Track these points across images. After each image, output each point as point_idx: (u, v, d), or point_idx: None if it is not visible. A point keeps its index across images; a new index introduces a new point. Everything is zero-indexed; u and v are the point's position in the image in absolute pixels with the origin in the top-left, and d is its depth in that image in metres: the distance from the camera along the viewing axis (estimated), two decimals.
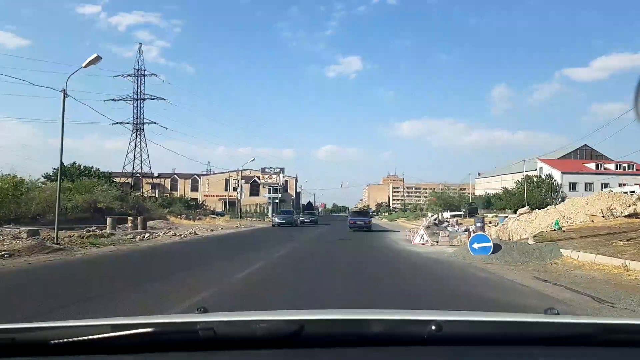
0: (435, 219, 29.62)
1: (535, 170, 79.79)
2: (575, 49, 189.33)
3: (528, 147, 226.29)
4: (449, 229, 29.16)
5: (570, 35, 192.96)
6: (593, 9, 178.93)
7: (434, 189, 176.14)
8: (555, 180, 73.57)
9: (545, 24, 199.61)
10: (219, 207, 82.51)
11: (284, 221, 39.52)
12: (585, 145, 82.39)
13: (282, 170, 71.69)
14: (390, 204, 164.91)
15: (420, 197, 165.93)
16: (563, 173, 75.35)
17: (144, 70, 72.11)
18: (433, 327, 1.41)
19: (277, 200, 67.02)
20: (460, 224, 31.70)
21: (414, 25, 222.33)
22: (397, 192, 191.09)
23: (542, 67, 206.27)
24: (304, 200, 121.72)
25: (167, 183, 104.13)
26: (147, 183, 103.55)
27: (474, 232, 21.45)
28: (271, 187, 68.32)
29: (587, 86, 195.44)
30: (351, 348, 1.43)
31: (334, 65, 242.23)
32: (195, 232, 26.39)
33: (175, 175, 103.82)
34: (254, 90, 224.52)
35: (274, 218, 42.12)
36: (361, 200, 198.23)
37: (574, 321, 1.77)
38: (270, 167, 71.84)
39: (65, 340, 1.35)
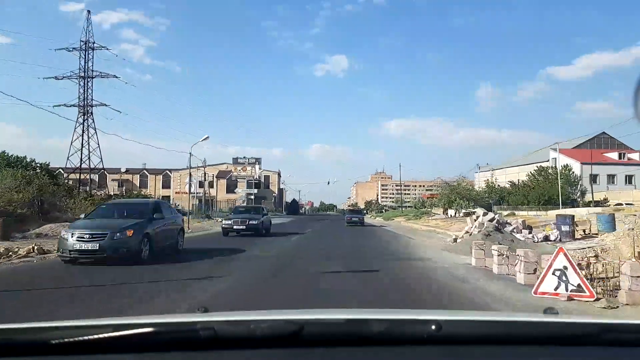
0: (493, 220, 16.14)
1: (548, 161, 67.29)
2: (559, 48, 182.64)
3: (515, 145, 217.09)
4: (518, 236, 15.69)
5: (553, 34, 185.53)
6: (576, 8, 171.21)
7: (423, 186, 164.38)
8: (573, 172, 60.90)
9: (530, 23, 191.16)
10: (191, 205, 68.84)
11: (93, 249, 10.40)
12: (604, 132, 69.83)
13: (258, 160, 57.61)
14: (379, 202, 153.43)
15: (409, 194, 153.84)
16: (582, 164, 62.46)
17: (93, 42, 57.94)
18: (433, 327, 1.35)
19: (252, 197, 53.02)
20: (529, 227, 18.20)
21: (401, 25, 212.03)
22: (386, 189, 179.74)
23: (527, 66, 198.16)
24: (288, 198, 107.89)
25: (136, 179, 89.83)
26: (113, 180, 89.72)
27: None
28: (246, 181, 54.29)
29: (571, 84, 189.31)
30: (351, 348, 1.36)
31: (321, 64, 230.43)
32: (39, 248, 12.59)
33: (144, 171, 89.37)
34: (243, 89, 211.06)
35: (63, 236, 10.82)
36: (349, 198, 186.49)
37: (573, 321, 1.68)
38: (244, 157, 57.73)
39: (65, 340, 1.29)
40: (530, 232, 17.09)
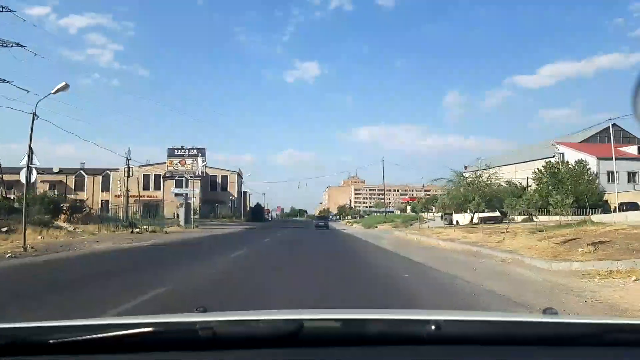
0: None
1: (554, 157, 54.79)
2: (523, 57, 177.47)
3: (485, 151, 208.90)
4: None
5: (518, 43, 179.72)
6: (541, 17, 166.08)
7: (398, 190, 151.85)
8: (590, 169, 48.44)
9: (496, 32, 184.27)
10: (131, 210, 53.30)
11: None
12: (615, 124, 57.58)
13: (201, 151, 42.56)
14: (353, 206, 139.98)
15: (382, 199, 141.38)
16: (599, 159, 49.80)
17: None
18: (432, 327, 1.32)
19: (191, 200, 37.63)
20: None
21: (370, 32, 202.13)
22: (359, 194, 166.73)
23: (492, 74, 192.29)
24: (252, 202, 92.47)
25: (71, 181, 73.23)
26: (43, 181, 72.53)
27: None
28: (184, 179, 38.98)
29: (535, 93, 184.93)
30: (351, 348, 1.32)
31: (292, 70, 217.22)
32: None
33: (81, 171, 72.91)
34: (212, 94, 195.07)
35: None
36: (321, 203, 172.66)
37: (573, 321, 1.64)
38: (183, 147, 42.45)
39: (65, 339, 1.26)
40: None
